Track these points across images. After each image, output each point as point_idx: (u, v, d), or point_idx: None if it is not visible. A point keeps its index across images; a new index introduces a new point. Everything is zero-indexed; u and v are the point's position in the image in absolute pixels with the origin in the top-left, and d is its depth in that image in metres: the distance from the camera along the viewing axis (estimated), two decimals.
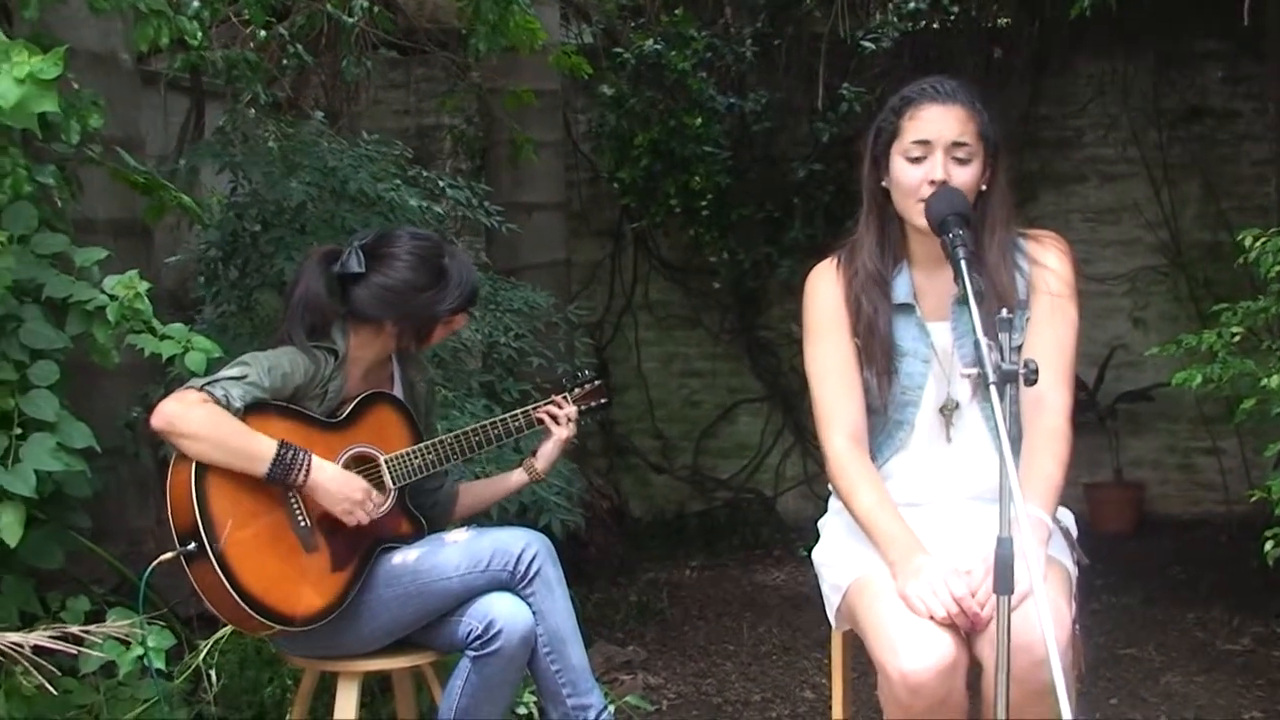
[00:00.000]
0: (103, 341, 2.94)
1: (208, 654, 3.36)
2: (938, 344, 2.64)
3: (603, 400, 3.39)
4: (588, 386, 3.37)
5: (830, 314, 2.66)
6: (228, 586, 2.70)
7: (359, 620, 2.89)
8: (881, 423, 2.69)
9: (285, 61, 4.82)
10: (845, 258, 2.70)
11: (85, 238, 3.38)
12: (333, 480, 2.81)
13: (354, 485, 2.83)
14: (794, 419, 6.93)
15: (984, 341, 2.18)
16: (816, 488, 6.75)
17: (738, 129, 6.24)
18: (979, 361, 2.17)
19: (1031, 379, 2.17)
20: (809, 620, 5.27)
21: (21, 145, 3.40)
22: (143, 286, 2.94)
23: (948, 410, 2.65)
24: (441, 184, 4.63)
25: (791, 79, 6.26)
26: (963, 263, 2.33)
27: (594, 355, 6.80)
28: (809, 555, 2.81)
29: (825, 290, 2.69)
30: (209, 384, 2.75)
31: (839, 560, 2.62)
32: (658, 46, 5.98)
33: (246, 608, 2.72)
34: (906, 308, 2.65)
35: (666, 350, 7.09)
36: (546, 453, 3.26)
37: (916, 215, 2.56)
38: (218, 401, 2.73)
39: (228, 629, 3.44)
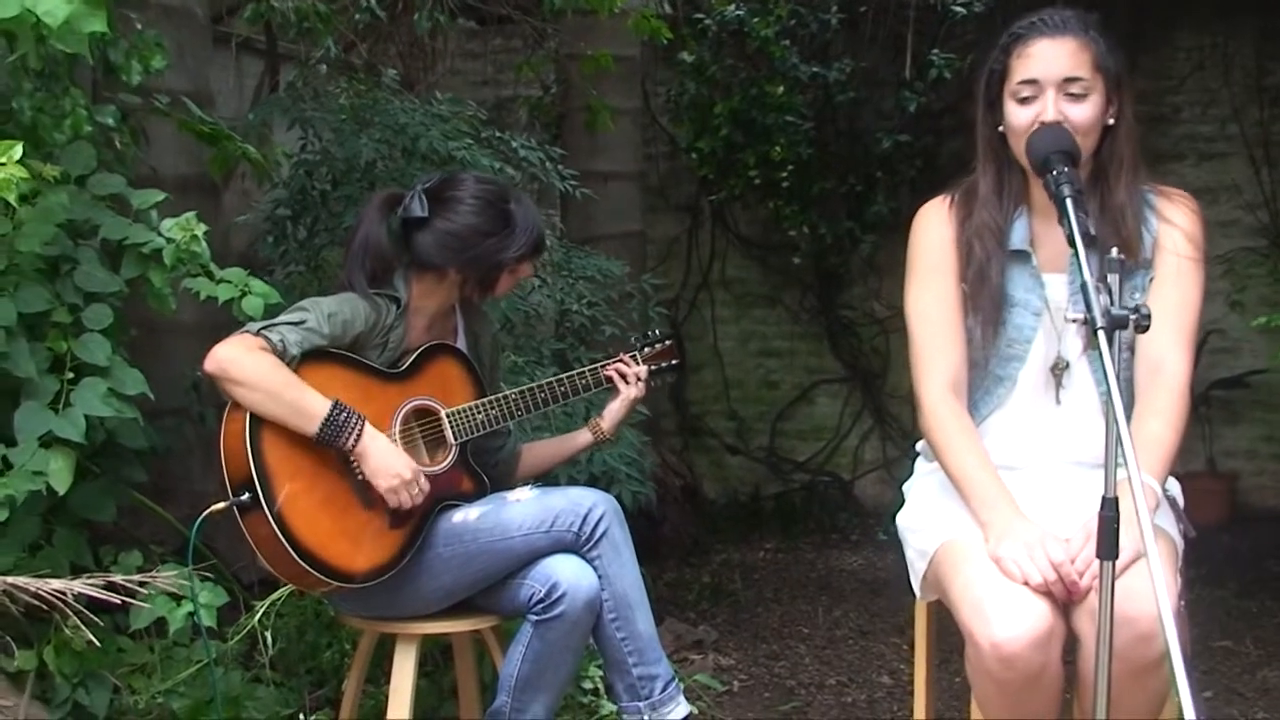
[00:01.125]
0: (159, 286, 2.86)
1: (264, 616, 3.25)
2: (1051, 297, 2.46)
3: (673, 361, 3.27)
4: (658, 346, 3.25)
5: (937, 254, 2.50)
6: (282, 540, 2.60)
7: (418, 580, 2.78)
8: (981, 377, 2.51)
9: (358, 16, 4.71)
10: (959, 198, 2.53)
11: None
12: (383, 453, 2.70)
13: (404, 463, 2.72)
14: (874, 401, 6.77)
15: (1092, 283, 1.99)
16: (896, 472, 6.59)
17: (821, 99, 6.08)
18: (1086, 305, 1.99)
19: (1143, 324, 1.98)
20: (887, 605, 5.13)
21: (88, 89, 3.34)
22: (200, 229, 2.85)
23: (1058, 370, 2.47)
24: (514, 145, 4.51)
25: (878, 48, 6.08)
26: (1068, 200, 2.15)
27: (671, 328, 6.62)
28: (888, 540, 2.64)
29: (934, 229, 2.52)
30: (266, 328, 2.66)
31: (926, 523, 2.45)
32: (740, 13, 5.84)
33: (302, 562, 2.61)
34: (1021, 255, 2.48)
35: (744, 329, 6.97)
36: (613, 412, 3.13)
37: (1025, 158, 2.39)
38: (274, 348, 2.63)
39: (285, 591, 3.35)
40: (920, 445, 2.69)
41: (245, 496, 2.60)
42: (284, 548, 2.60)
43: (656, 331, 3.30)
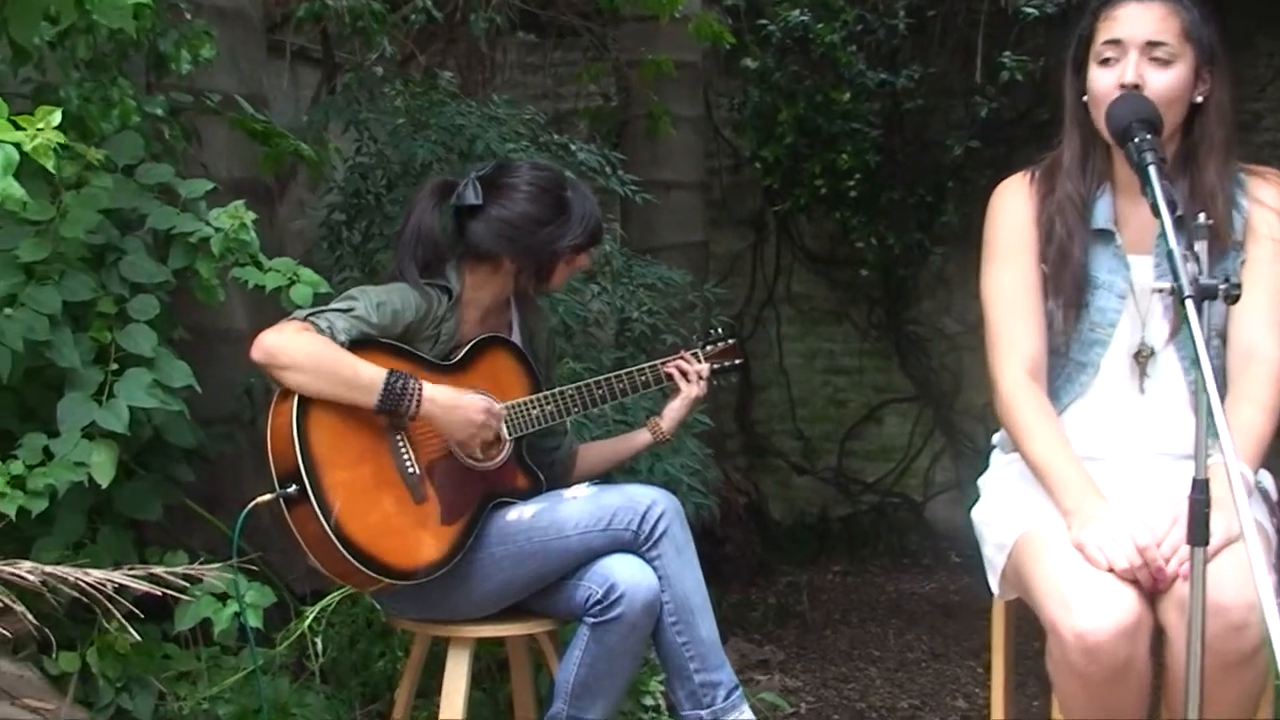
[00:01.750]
0: (206, 276, 2.84)
1: (313, 622, 3.21)
2: (1136, 280, 2.37)
3: (736, 361, 3.22)
4: (720, 345, 3.18)
5: (1016, 233, 2.42)
6: (330, 534, 2.55)
7: (470, 580, 2.74)
8: (1062, 364, 2.43)
9: (413, 18, 4.72)
10: (1041, 174, 2.45)
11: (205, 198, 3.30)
12: (449, 406, 2.68)
13: (473, 406, 2.69)
14: (945, 421, 6.67)
15: (1178, 250, 1.91)
16: (969, 493, 6.42)
17: (888, 107, 6.01)
18: (1173, 274, 1.90)
19: (1234, 294, 1.89)
20: (962, 629, 5.04)
21: (140, 86, 3.35)
22: (249, 216, 2.84)
23: (1142, 357, 2.38)
24: (573, 149, 4.48)
25: (947, 53, 6.00)
26: (1151, 169, 2.06)
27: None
28: (962, 562, 2.55)
29: (1013, 207, 2.44)
30: (312, 315, 2.63)
31: (1004, 515, 2.35)
32: (804, 18, 5.78)
33: (350, 557, 2.57)
34: (1105, 235, 2.39)
35: (810, 346, 6.90)
36: (674, 411, 3.08)
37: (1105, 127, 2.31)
38: (321, 333, 2.59)
39: (336, 596, 3.31)
40: (996, 437, 2.60)
41: (292, 489, 2.56)
42: (332, 542, 2.56)
43: (719, 330, 3.24)
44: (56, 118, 2.16)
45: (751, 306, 6.86)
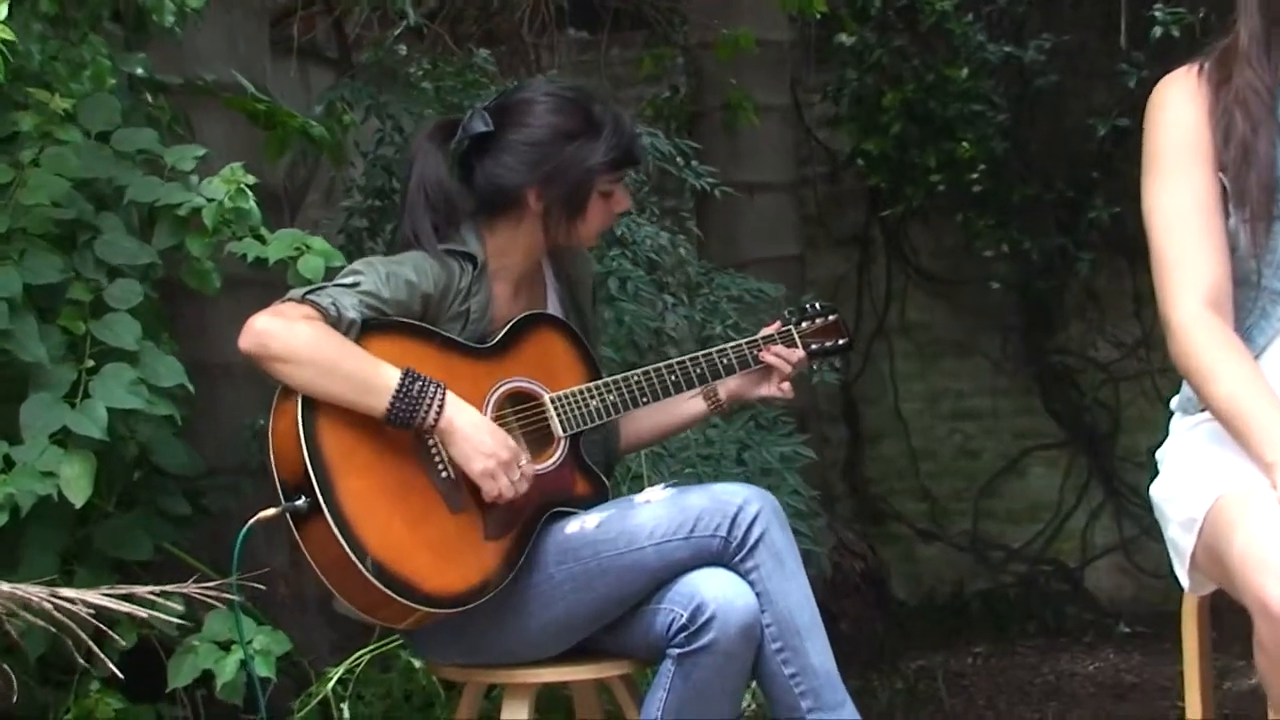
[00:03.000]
0: (197, 254, 2.81)
1: (338, 684, 3.14)
2: None
3: (840, 340, 3.15)
4: (819, 321, 3.10)
5: (1185, 137, 2.32)
6: (347, 550, 2.49)
7: (525, 610, 2.67)
8: (1252, 297, 2.31)
9: None
10: (1212, 64, 2.36)
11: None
12: (473, 428, 2.61)
13: (500, 440, 2.62)
14: (1103, 469, 6.53)
15: None
16: (1136, 556, 6.38)
17: (1016, 85, 5.94)
18: None
19: None
20: (1135, 712, 4.95)
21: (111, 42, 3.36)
22: (248, 179, 2.81)
23: None
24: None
25: (1084, 16, 5.93)
26: None
27: (839, 390, 6.53)
28: (1132, 635, 2.44)
29: (1179, 105, 2.34)
30: (312, 292, 2.60)
31: (1191, 485, 2.23)
32: None
33: (373, 578, 2.51)
34: None
35: (932, 385, 6.82)
36: (742, 385, 3.01)
37: None
38: (324, 314, 2.56)
39: (365, 654, 3.24)
40: (1175, 400, 2.47)
41: (301, 501, 2.51)
42: (350, 561, 2.49)
43: (817, 304, 3.15)
44: (3, 10, 2.13)
45: (859, 340, 6.75)
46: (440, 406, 2.57)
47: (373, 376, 2.55)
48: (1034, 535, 6.62)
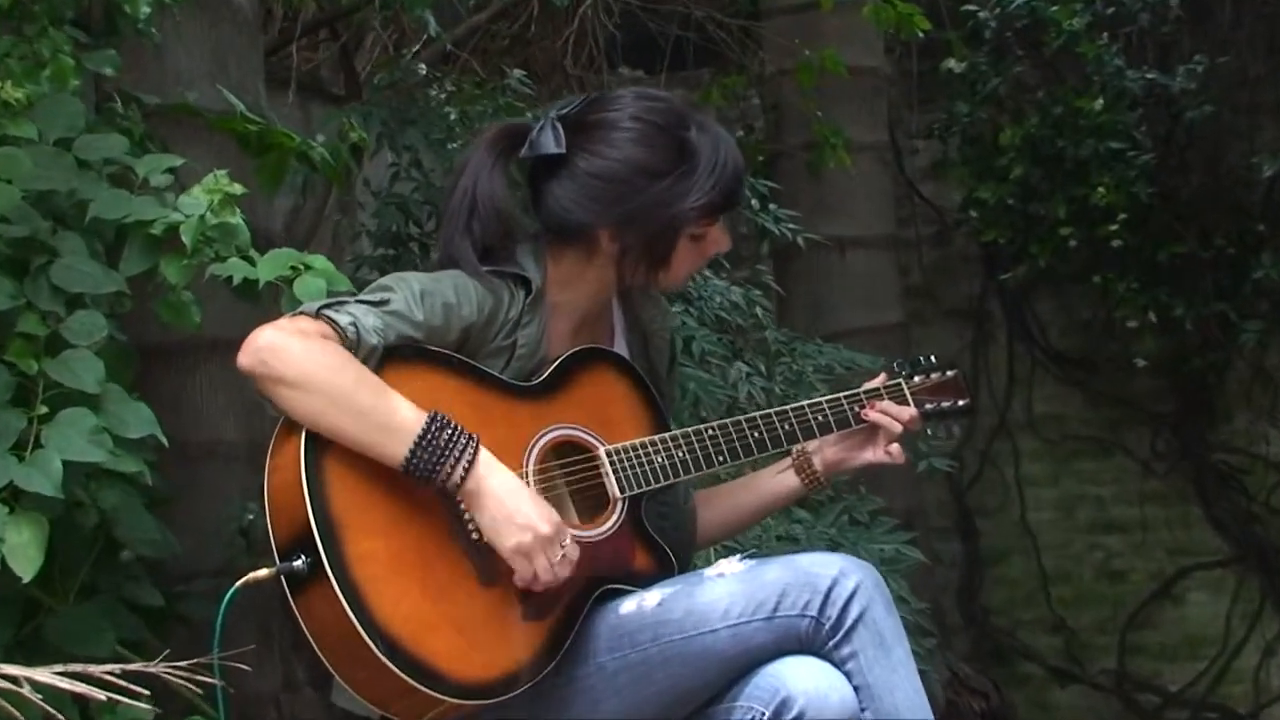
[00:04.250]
0: (174, 280, 2.83)
1: None
2: None
3: (961, 402, 3.13)
4: (935, 376, 3.10)
5: None
6: (357, 624, 2.46)
7: (570, 707, 2.65)
8: None
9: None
10: None
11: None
12: (509, 494, 2.58)
13: (541, 512, 2.59)
14: (1279, 592, 6.52)
15: None
16: None
17: (1162, 118, 5.99)
18: None
19: None
20: None
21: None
22: (235, 188, 2.83)
23: None
24: None
25: (1244, 37, 5.98)
26: None
27: (951, 497, 6.53)
28: None
29: None
30: (330, 307, 2.60)
31: None
32: (1032, 1, 5.79)
33: (386, 659, 2.47)
34: None
35: (1066, 492, 6.85)
36: (840, 448, 3.00)
37: None
38: (341, 335, 2.56)
39: None
40: None
41: (300, 561, 2.49)
42: (359, 637, 2.47)
43: (932, 358, 3.15)
44: None
45: (975, 438, 6.79)
46: (470, 463, 2.54)
47: (393, 416, 2.53)
48: (1195, 676, 6.60)
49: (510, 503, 2.56)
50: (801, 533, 4.26)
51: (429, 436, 2.53)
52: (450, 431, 2.55)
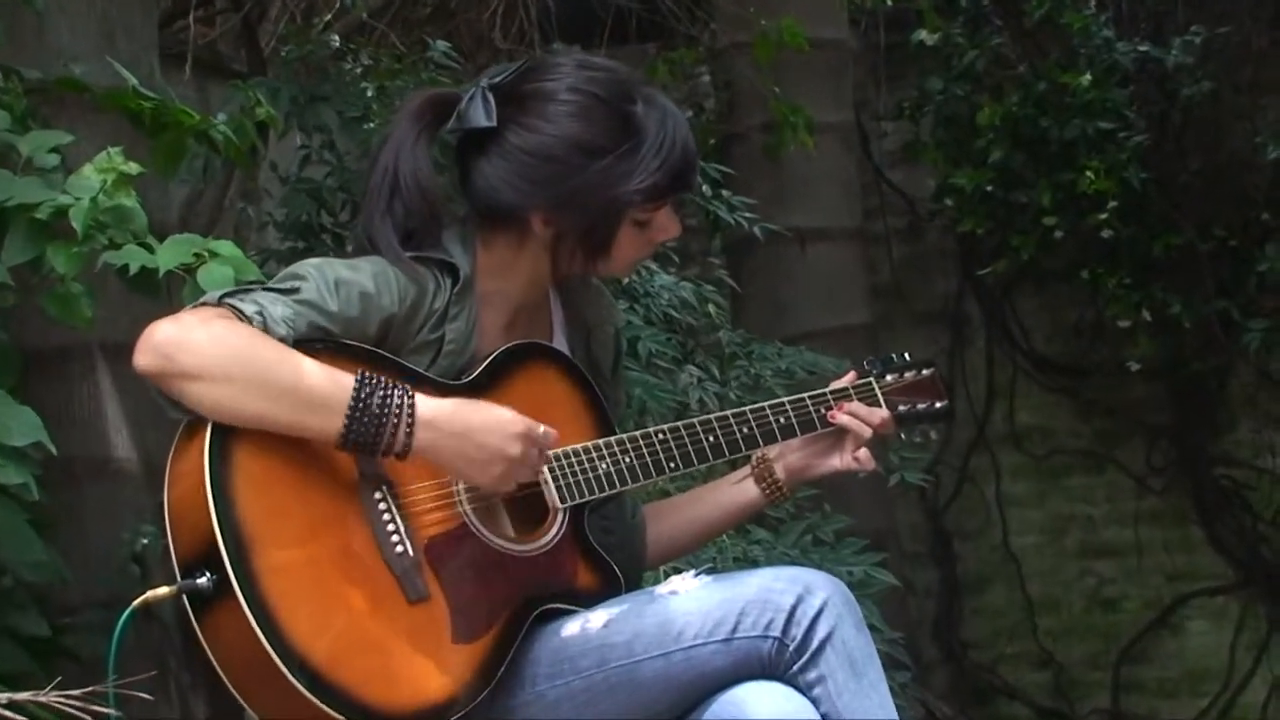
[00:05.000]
0: (63, 270, 2.82)
1: None
2: None
3: (938, 404, 3.17)
4: (909, 375, 3.13)
5: None
6: (268, 647, 2.47)
7: None
8: None
9: None
10: None
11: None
12: (462, 431, 2.60)
13: (499, 430, 2.62)
14: None
15: None
16: None
17: (1156, 95, 6.06)
18: None
19: None
20: None
21: None
22: (131, 168, 2.83)
23: None
24: None
25: (1244, 6, 6.05)
26: None
27: (925, 519, 6.56)
28: None
29: None
30: (233, 295, 2.61)
31: None
32: None
33: (302, 687, 2.48)
34: None
35: (1053, 511, 6.91)
36: (811, 470, 3.03)
37: None
38: (246, 323, 2.57)
39: None
40: None
41: (204, 578, 2.50)
42: (271, 662, 2.48)
43: (906, 356, 3.18)
44: None
45: (951, 453, 6.84)
46: (411, 420, 2.56)
47: (318, 385, 2.53)
48: (1197, 714, 6.64)
49: (467, 443, 2.60)
50: (761, 554, 4.29)
51: (361, 403, 2.54)
52: (383, 391, 2.55)
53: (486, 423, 2.63)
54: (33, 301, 3.10)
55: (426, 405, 2.59)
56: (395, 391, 2.56)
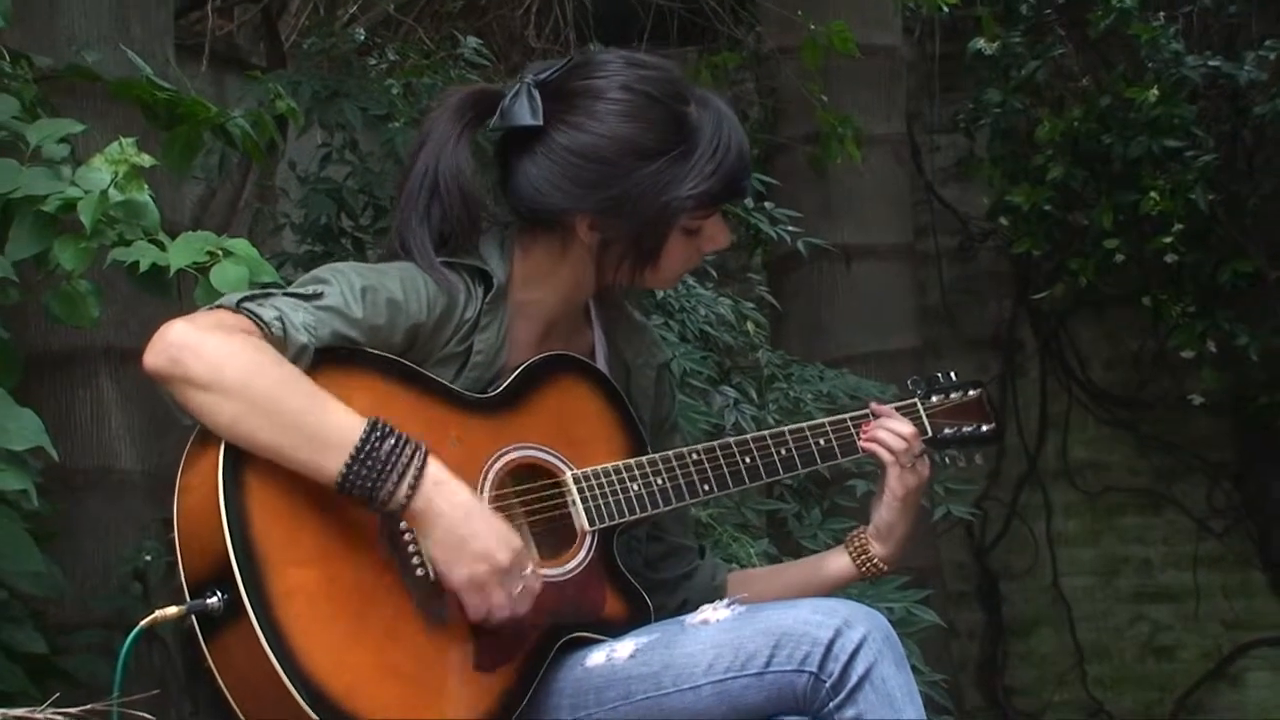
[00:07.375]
0: (70, 267, 2.84)
1: None
2: None
3: (985, 428, 3.17)
4: (955, 395, 3.15)
5: None
6: (281, 673, 2.49)
7: None
8: None
9: None
10: None
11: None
12: (462, 514, 2.59)
13: (499, 536, 2.61)
14: None
15: None
16: None
17: (1226, 112, 6.06)
18: None
19: None
20: None
21: None
22: (145, 160, 2.84)
23: None
24: None
25: None
26: None
27: (971, 557, 6.56)
28: None
29: None
30: (251, 299, 2.61)
31: None
32: None
33: (315, 715, 2.49)
34: None
35: (1107, 552, 6.92)
36: (885, 523, 3.03)
37: None
38: (265, 331, 2.58)
39: None
40: None
41: (215, 598, 2.51)
42: (284, 689, 2.49)
43: (952, 376, 3.19)
44: None
45: (1000, 488, 6.85)
46: (417, 479, 2.55)
47: (326, 422, 2.54)
48: None
49: (464, 526, 2.57)
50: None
51: (368, 448, 2.52)
52: (394, 441, 2.54)
53: (490, 522, 2.62)
54: (33, 303, 3.11)
55: (439, 476, 2.57)
56: (407, 448, 2.55)
